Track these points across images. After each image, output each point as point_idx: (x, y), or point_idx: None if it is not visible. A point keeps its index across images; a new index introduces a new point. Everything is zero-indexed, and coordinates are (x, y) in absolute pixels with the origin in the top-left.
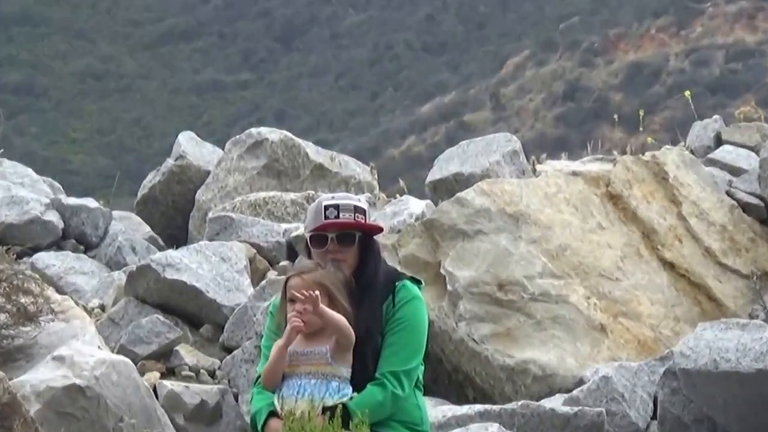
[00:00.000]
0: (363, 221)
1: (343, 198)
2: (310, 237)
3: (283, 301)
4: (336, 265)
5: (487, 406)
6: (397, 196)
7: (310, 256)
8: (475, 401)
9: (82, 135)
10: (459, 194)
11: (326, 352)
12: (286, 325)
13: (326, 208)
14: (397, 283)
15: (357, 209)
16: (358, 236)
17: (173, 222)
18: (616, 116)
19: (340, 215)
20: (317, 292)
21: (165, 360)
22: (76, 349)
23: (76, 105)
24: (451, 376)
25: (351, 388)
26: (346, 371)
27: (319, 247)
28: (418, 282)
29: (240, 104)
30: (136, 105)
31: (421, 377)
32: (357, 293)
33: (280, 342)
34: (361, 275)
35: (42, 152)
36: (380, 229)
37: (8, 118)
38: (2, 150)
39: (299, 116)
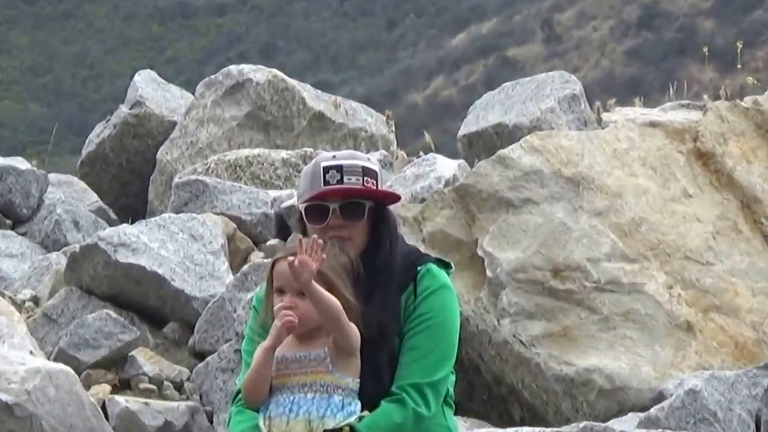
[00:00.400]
0: (374, 187)
1: (348, 157)
2: (306, 208)
3: (269, 292)
4: (339, 245)
5: (538, 430)
6: (421, 154)
7: (305, 234)
8: (522, 423)
9: (8, 76)
10: (501, 151)
11: (325, 357)
12: (273, 322)
13: (326, 170)
14: (419, 268)
15: (366, 171)
16: (368, 207)
17: (128, 188)
18: (705, 50)
19: (344, 179)
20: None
21: (118, 369)
22: (1, 356)
23: (1, 36)
24: (491, 390)
25: (359, 405)
26: (353, 382)
27: (316, 221)
28: (446, 266)
29: (215, 35)
30: (79, 36)
31: (451, 391)
32: (367, 282)
33: (265, 343)
34: (372, 258)
35: None
36: (397, 198)
37: None
38: None
39: (293, 51)
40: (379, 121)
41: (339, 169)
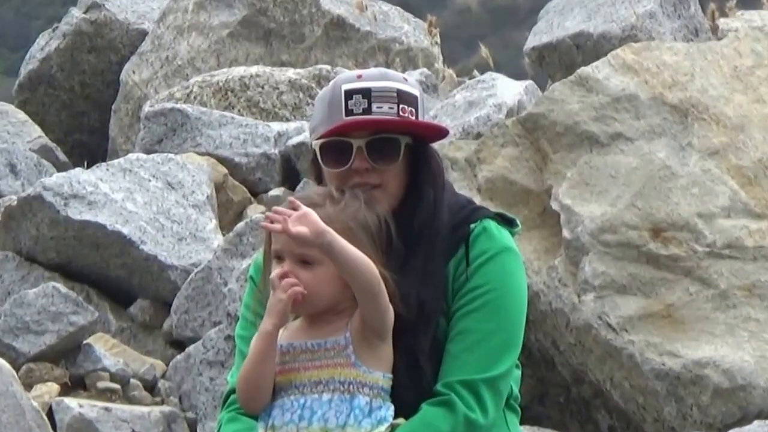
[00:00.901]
0: (413, 117)
1: (378, 77)
2: (321, 146)
3: (268, 259)
4: (366, 195)
5: None
6: (476, 74)
7: (320, 181)
8: None
9: None
10: (583, 70)
11: (346, 344)
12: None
13: (349, 95)
14: (472, 226)
15: (403, 97)
16: (405, 144)
17: (82, 121)
18: None
19: (373, 107)
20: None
21: (68, 362)
22: None
23: None
24: (569, 391)
25: (392, 409)
26: (384, 378)
27: (335, 163)
28: (509, 222)
29: None
30: None
31: (516, 391)
32: (403, 245)
33: (264, 326)
34: (409, 213)
35: None
36: (443, 132)
37: None
38: None
39: None
40: (418, 29)
41: (366, 93)
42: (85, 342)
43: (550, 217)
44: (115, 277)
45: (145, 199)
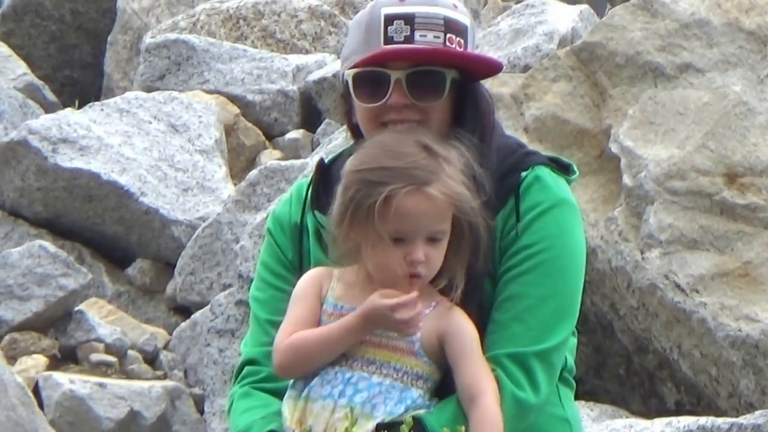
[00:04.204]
0: (462, 48)
1: (423, 1)
2: (355, 77)
3: (335, 218)
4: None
5: (706, 420)
6: None
7: (350, 118)
8: (679, 410)
9: None
10: None
11: (416, 336)
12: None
13: (389, 20)
14: (523, 174)
15: (451, 25)
16: (451, 79)
17: (73, 54)
18: None
19: (416, 36)
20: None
21: (58, 332)
22: None
23: None
24: (631, 360)
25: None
26: (438, 374)
27: (371, 97)
28: (566, 170)
29: None
30: None
31: (571, 362)
32: None
33: (358, 327)
34: None
35: None
36: (497, 67)
37: None
38: None
39: None
40: None
41: (409, 19)
42: (76, 309)
43: (608, 162)
44: (111, 234)
45: (145, 143)
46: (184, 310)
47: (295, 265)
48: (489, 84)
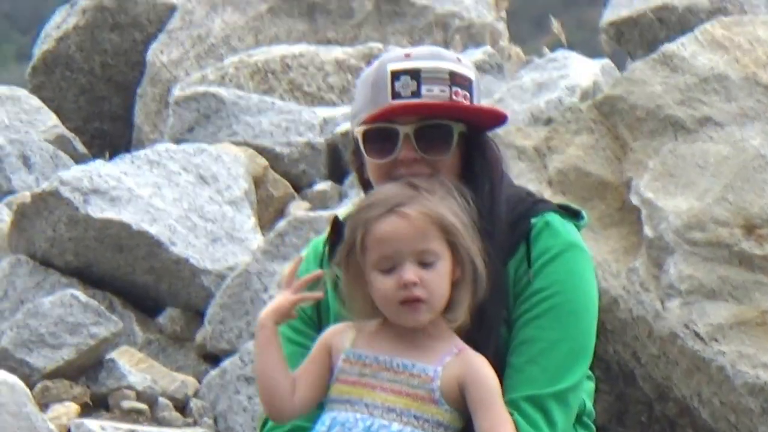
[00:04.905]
0: (467, 102)
1: (428, 56)
2: (365, 134)
3: (352, 272)
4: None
5: None
6: (546, 51)
7: (361, 174)
8: None
9: None
10: (667, 47)
11: (434, 377)
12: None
13: (395, 75)
14: (533, 221)
15: (456, 78)
16: (458, 132)
17: (104, 107)
18: None
19: (423, 90)
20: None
21: (89, 380)
22: None
23: None
24: (652, 408)
25: None
26: (460, 421)
27: (380, 153)
28: (575, 215)
29: None
30: None
31: (590, 405)
32: None
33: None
34: None
35: None
36: (501, 118)
37: None
38: None
39: None
40: (481, 3)
41: (415, 74)
42: (108, 357)
43: (629, 213)
44: (141, 283)
45: (175, 194)
46: (213, 358)
47: (315, 320)
48: (512, 136)
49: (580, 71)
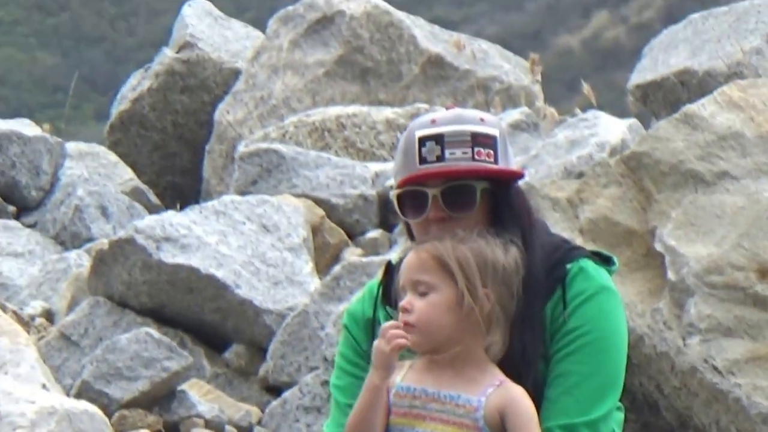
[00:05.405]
0: (490, 160)
1: (451, 121)
2: (399, 196)
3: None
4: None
5: None
6: (578, 112)
7: (409, 226)
8: None
9: (9, 14)
10: (688, 107)
11: (478, 407)
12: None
13: (422, 141)
14: (568, 267)
15: (478, 139)
16: (482, 189)
17: (175, 162)
18: None
19: (446, 154)
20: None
21: (162, 409)
22: (2, 391)
23: None
24: None
25: None
26: None
27: (413, 212)
28: (607, 261)
29: None
30: None
31: None
32: None
33: (373, 380)
34: None
35: None
36: (517, 175)
37: None
38: None
39: None
40: (519, 67)
41: (439, 139)
42: (179, 388)
43: (653, 259)
44: (209, 321)
45: (240, 242)
46: (275, 390)
47: (369, 355)
48: (547, 189)
49: (609, 129)
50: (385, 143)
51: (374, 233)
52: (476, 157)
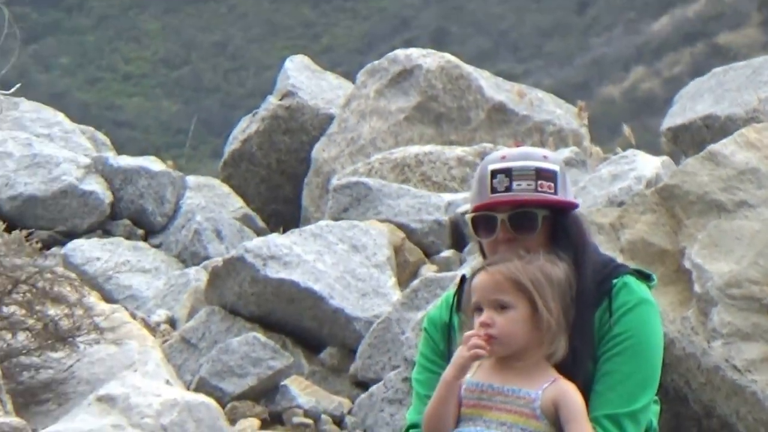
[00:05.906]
0: (551, 191)
1: (519, 157)
2: (473, 219)
3: (468, 316)
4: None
5: None
6: (619, 150)
7: (482, 247)
8: None
9: (138, 68)
10: (712, 147)
11: (535, 399)
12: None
13: (494, 174)
14: (615, 281)
15: (541, 174)
16: (542, 216)
17: (278, 192)
18: None
19: (513, 185)
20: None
21: (267, 401)
22: (132, 386)
23: (129, 22)
24: (701, 423)
25: None
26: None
27: (485, 233)
28: (647, 278)
29: (378, 19)
30: (219, 22)
31: (655, 423)
32: None
33: (447, 375)
34: None
35: (79, 93)
36: (572, 205)
37: (27, 41)
38: (19, 85)
39: (468, 37)
40: (569, 113)
41: (508, 172)
42: (281, 383)
43: (683, 274)
44: (307, 327)
45: (333, 260)
46: (363, 385)
47: (445, 354)
48: (593, 215)
49: (645, 166)
50: (456, 177)
51: (447, 253)
52: (539, 188)
